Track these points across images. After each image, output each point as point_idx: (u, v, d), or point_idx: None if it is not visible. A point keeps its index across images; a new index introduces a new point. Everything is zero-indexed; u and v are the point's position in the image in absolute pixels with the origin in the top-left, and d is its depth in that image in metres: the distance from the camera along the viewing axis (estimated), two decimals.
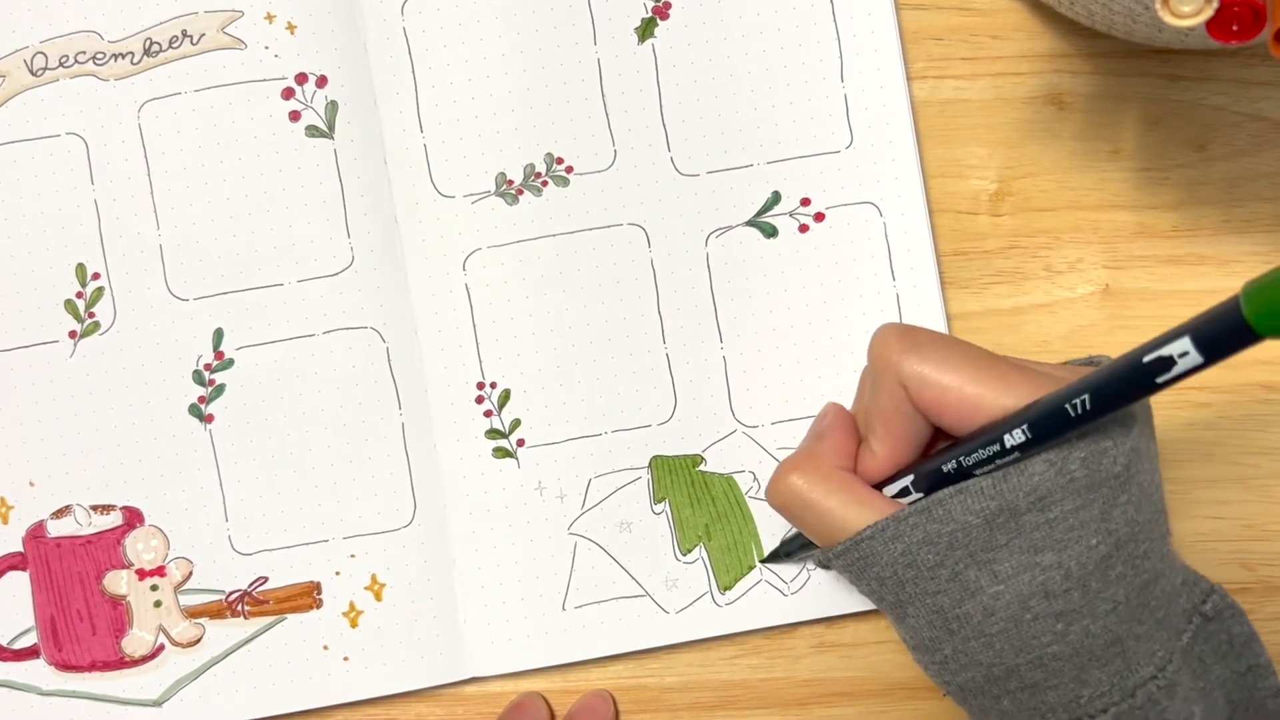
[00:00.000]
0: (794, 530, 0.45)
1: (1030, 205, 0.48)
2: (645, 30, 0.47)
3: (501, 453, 0.47)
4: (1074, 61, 0.48)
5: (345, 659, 0.47)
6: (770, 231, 0.47)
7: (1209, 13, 0.36)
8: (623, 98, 0.47)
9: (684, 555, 0.47)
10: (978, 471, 0.36)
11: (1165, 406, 0.47)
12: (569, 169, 0.47)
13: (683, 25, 0.47)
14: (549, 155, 0.47)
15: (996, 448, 0.35)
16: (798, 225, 0.47)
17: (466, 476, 0.47)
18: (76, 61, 0.47)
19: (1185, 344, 0.31)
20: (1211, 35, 0.36)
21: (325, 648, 0.47)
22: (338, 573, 0.47)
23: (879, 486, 0.39)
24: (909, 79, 0.47)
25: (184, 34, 0.47)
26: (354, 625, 0.47)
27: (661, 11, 0.47)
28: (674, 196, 0.47)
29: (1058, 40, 0.48)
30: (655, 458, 0.47)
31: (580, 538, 0.47)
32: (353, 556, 0.47)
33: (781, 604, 0.47)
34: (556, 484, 0.47)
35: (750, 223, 0.47)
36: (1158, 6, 0.36)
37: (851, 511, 0.38)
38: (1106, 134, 0.48)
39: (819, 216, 0.47)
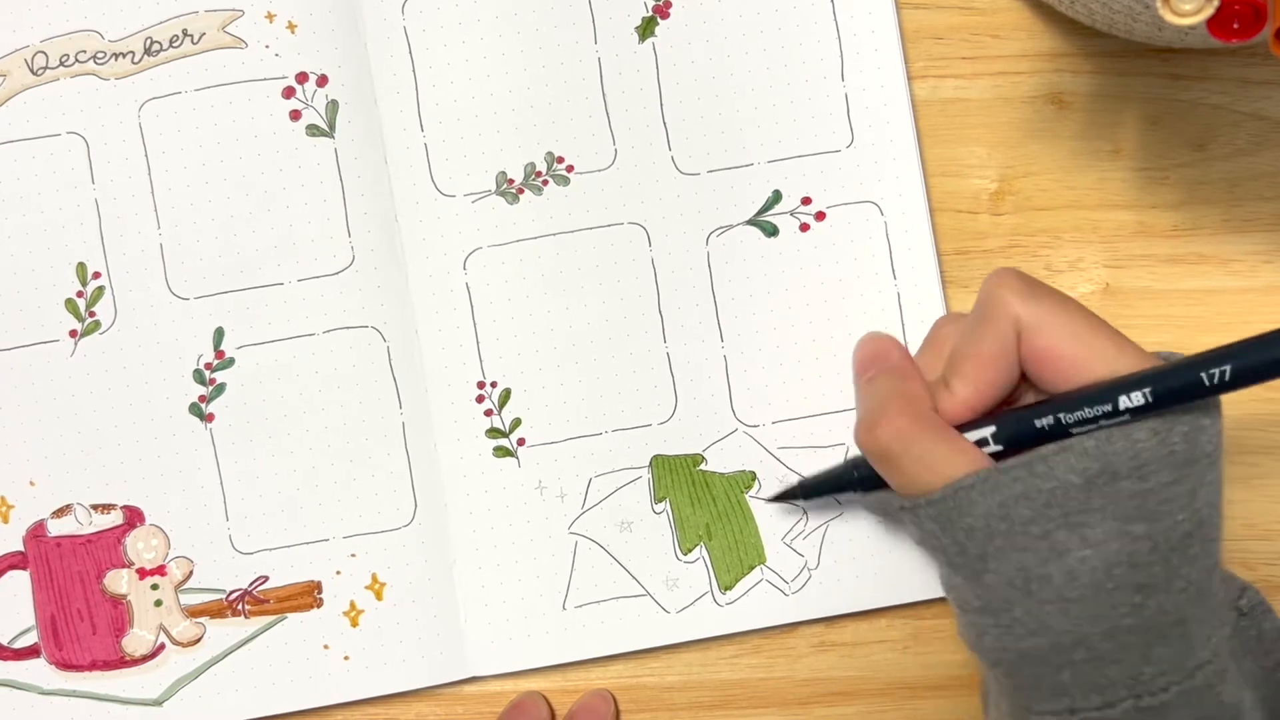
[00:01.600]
0: (825, 470, 0.45)
1: (1031, 204, 0.48)
2: (646, 29, 0.47)
3: (502, 452, 0.47)
4: (1074, 61, 0.48)
5: (346, 658, 0.46)
6: (771, 230, 0.47)
7: (1209, 11, 0.36)
8: (623, 97, 0.47)
9: (684, 555, 0.47)
10: (1075, 431, 0.36)
11: None
12: (570, 168, 0.47)
13: (683, 24, 0.47)
14: (549, 154, 0.47)
15: (1108, 407, 0.35)
16: (798, 224, 0.47)
17: (467, 476, 0.47)
18: (77, 61, 0.47)
19: None
20: (1212, 34, 0.36)
21: (326, 647, 0.47)
22: (338, 572, 0.47)
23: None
24: (910, 78, 0.47)
25: (184, 33, 0.47)
26: (354, 624, 0.47)
27: (662, 10, 0.47)
28: (675, 195, 0.47)
29: (1058, 39, 0.48)
30: (656, 457, 0.47)
31: (581, 537, 0.47)
32: (353, 556, 0.47)
33: (782, 603, 0.47)
34: (557, 483, 0.47)
35: (751, 222, 0.47)
36: (1158, 5, 0.36)
37: (954, 460, 0.37)
38: (1107, 133, 0.48)
39: (820, 215, 0.47)
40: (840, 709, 0.47)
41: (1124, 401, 0.35)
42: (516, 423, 0.47)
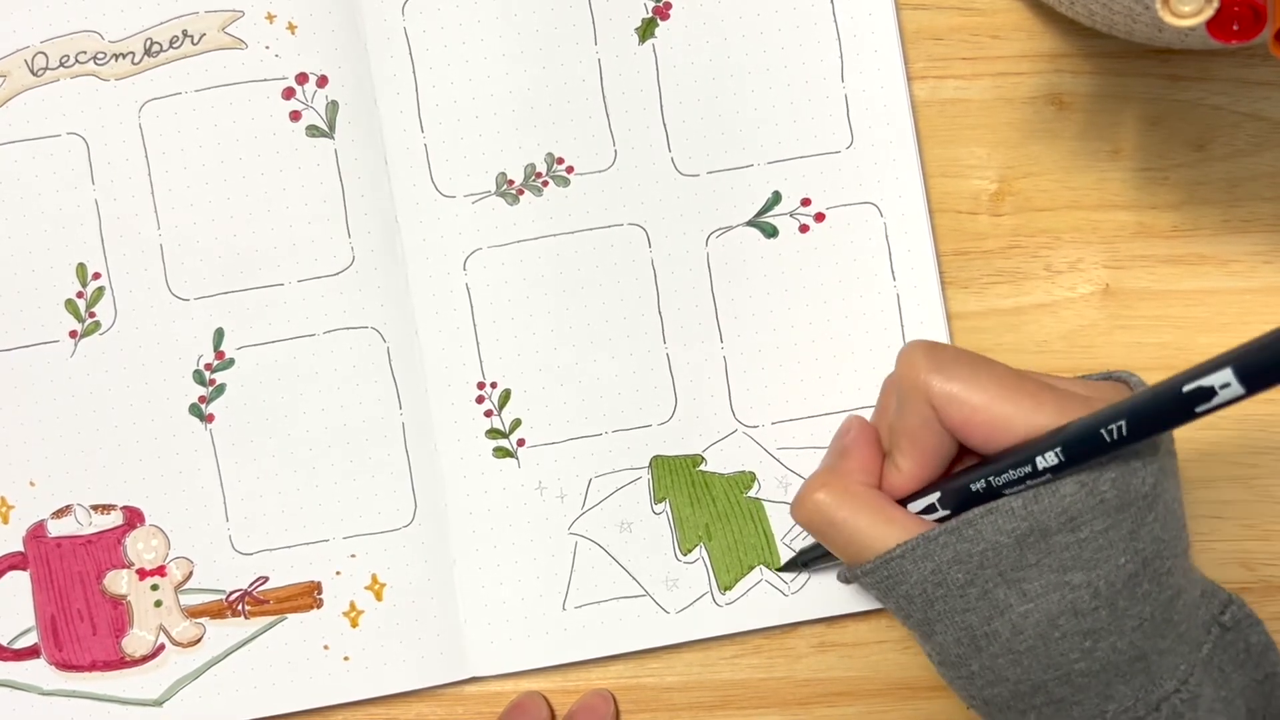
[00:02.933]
0: (813, 542, 0.45)
1: (1030, 205, 0.48)
2: (646, 30, 0.47)
3: (502, 452, 0.47)
4: (1074, 61, 0.48)
5: (346, 659, 0.47)
6: (771, 231, 0.47)
7: (1209, 12, 0.36)
8: (623, 98, 0.47)
9: (684, 555, 0.47)
10: (1007, 491, 0.36)
11: None
12: (569, 169, 0.47)
13: (683, 25, 0.47)
14: (549, 155, 0.47)
15: (1028, 469, 0.35)
16: (798, 225, 0.47)
17: (467, 476, 0.47)
18: (77, 61, 0.47)
19: (1227, 375, 0.31)
20: (1212, 35, 0.36)
21: (326, 647, 0.47)
22: (338, 572, 0.47)
23: (904, 502, 0.40)
24: (909, 79, 0.47)
25: (184, 34, 0.47)
26: (354, 625, 0.47)
27: (662, 12, 0.47)
28: (674, 196, 0.47)
29: (1058, 40, 0.48)
30: (655, 457, 0.47)
31: (580, 537, 0.47)
32: (353, 556, 0.47)
33: (782, 604, 0.47)
34: (557, 484, 0.47)
35: (751, 223, 0.47)
36: (1158, 6, 0.36)
37: (880, 530, 0.38)
38: (1107, 134, 0.48)
39: (819, 216, 0.47)
40: (841, 709, 0.47)
41: (1040, 462, 0.35)
42: (516, 423, 0.47)
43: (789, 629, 0.47)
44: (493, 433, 0.47)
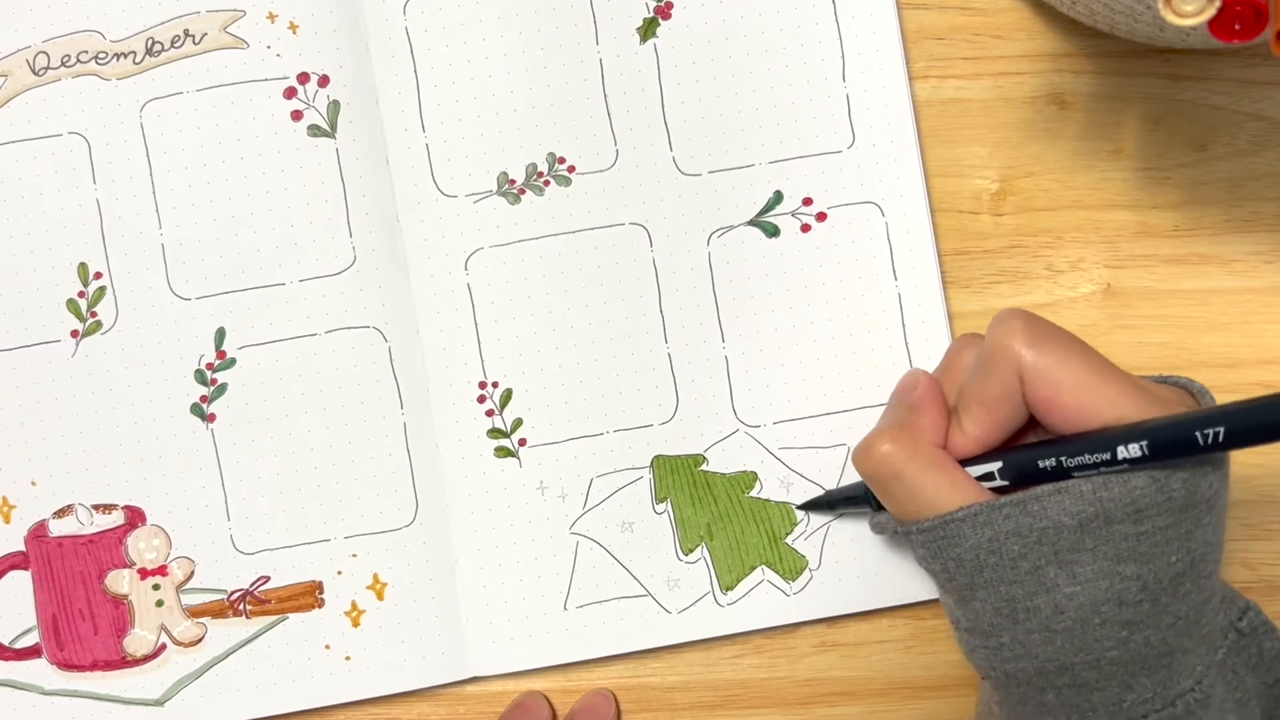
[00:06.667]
0: (844, 487, 0.46)
1: (1032, 205, 0.48)
2: (647, 30, 0.47)
3: (503, 452, 0.47)
4: (1075, 61, 0.48)
5: (347, 658, 0.47)
6: (772, 231, 0.47)
7: (1211, 12, 0.36)
8: (625, 97, 0.47)
9: (686, 555, 0.47)
10: (1076, 474, 0.36)
11: None
12: (571, 168, 0.47)
13: (684, 25, 0.47)
14: (551, 155, 0.47)
15: (1106, 455, 0.36)
16: (800, 225, 0.47)
17: (468, 476, 0.47)
18: (79, 61, 0.47)
19: None
20: (1213, 34, 0.36)
21: (327, 647, 0.47)
22: (339, 572, 0.47)
23: (964, 465, 0.40)
24: (911, 79, 0.47)
25: (186, 33, 0.47)
26: (356, 625, 0.47)
27: (663, 11, 0.47)
28: (676, 196, 0.47)
29: (1059, 40, 0.48)
30: (657, 457, 0.47)
31: (582, 537, 0.47)
32: (354, 556, 0.47)
33: (783, 604, 0.47)
34: (558, 483, 0.47)
35: (752, 222, 0.47)
36: (1160, 6, 0.36)
37: (945, 491, 0.38)
38: (1108, 133, 0.48)
39: (821, 216, 0.47)
40: (842, 709, 0.47)
41: (1122, 452, 0.36)
42: (518, 423, 0.47)
43: (790, 629, 0.47)
44: (494, 432, 0.47)
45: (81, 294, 0.47)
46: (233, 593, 0.47)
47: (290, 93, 0.47)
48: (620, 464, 0.47)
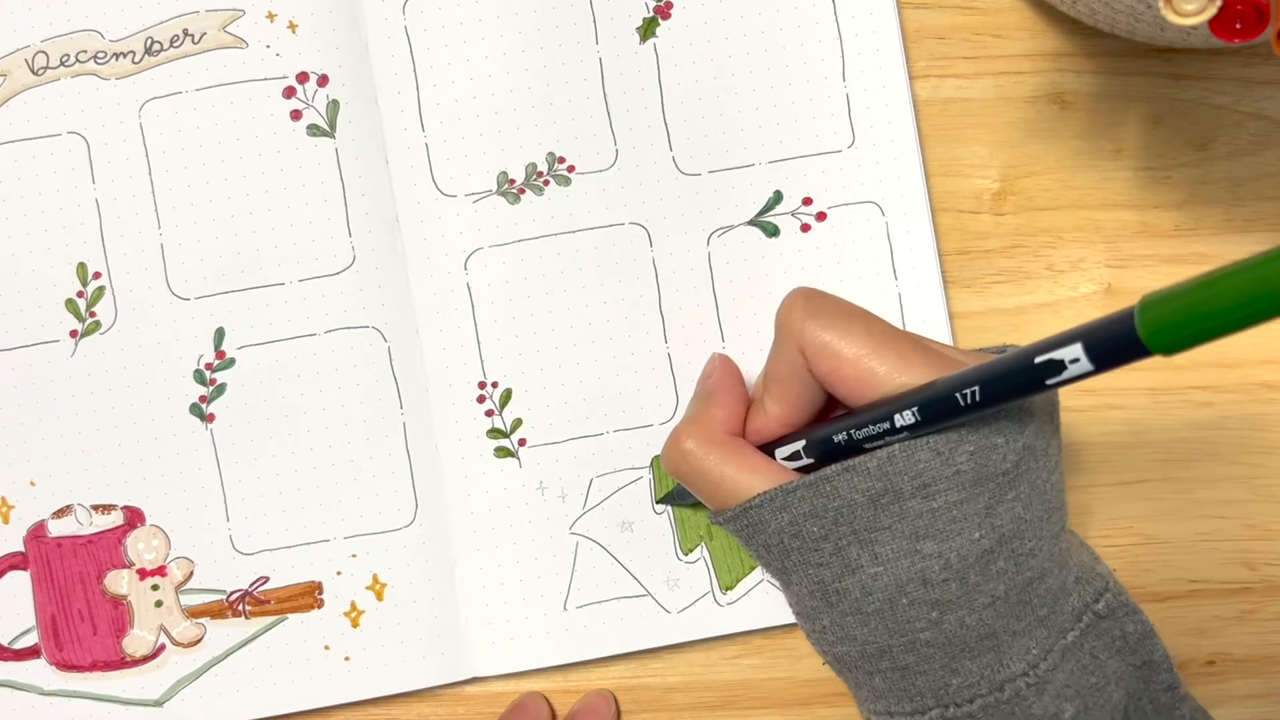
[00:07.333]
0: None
1: (1032, 204, 0.48)
2: (647, 30, 0.47)
3: (503, 452, 0.47)
4: (1076, 60, 0.48)
5: (346, 659, 0.46)
6: (772, 231, 0.47)
7: (1212, 11, 0.36)
8: (624, 97, 0.47)
9: (685, 555, 0.47)
10: (867, 446, 0.36)
11: (1167, 405, 0.47)
12: (571, 168, 0.47)
13: (684, 25, 0.47)
14: (551, 154, 0.47)
15: (886, 425, 0.35)
16: (800, 225, 0.47)
17: (468, 476, 0.47)
18: (78, 60, 0.47)
19: (1077, 350, 0.30)
20: (1214, 34, 0.36)
21: (326, 648, 0.47)
22: (339, 572, 0.47)
23: (772, 446, 0.39)
24: (911, 78, 0.47)
25: (185, 33, 0.47)
26: (355, 625, 0.46)
27: (663, 11, 0.47)
28: (676, 196, 0.47)
29: (1060, 39, 0.48)
30: (657, 457, 0.47)
31: (582, 537, 0.47)
32: (354, 556, 0.47)
33: (783, 604, 0.46)
34: (558, 484, 0.47)
35: (752, 222, 0.47)
36: (1161, 5, 0.36)
37: (744, 479, 0.38)
38: (1109, 133, 0.48)
39: (821, 216, 0.47)
40: (842, 709, 0.47)
41: (898, 419, 0.35)
42: (518, 423, 0.47)
43: (790, 629, 0.47)
44: (494, 432, 0.47)
45: (80, 294, 0.47)
46: (232, 593, 0.47)
47: (289, 92, 0.47)
48: (620, 464, 0.47)
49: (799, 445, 0.38)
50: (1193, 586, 0.48)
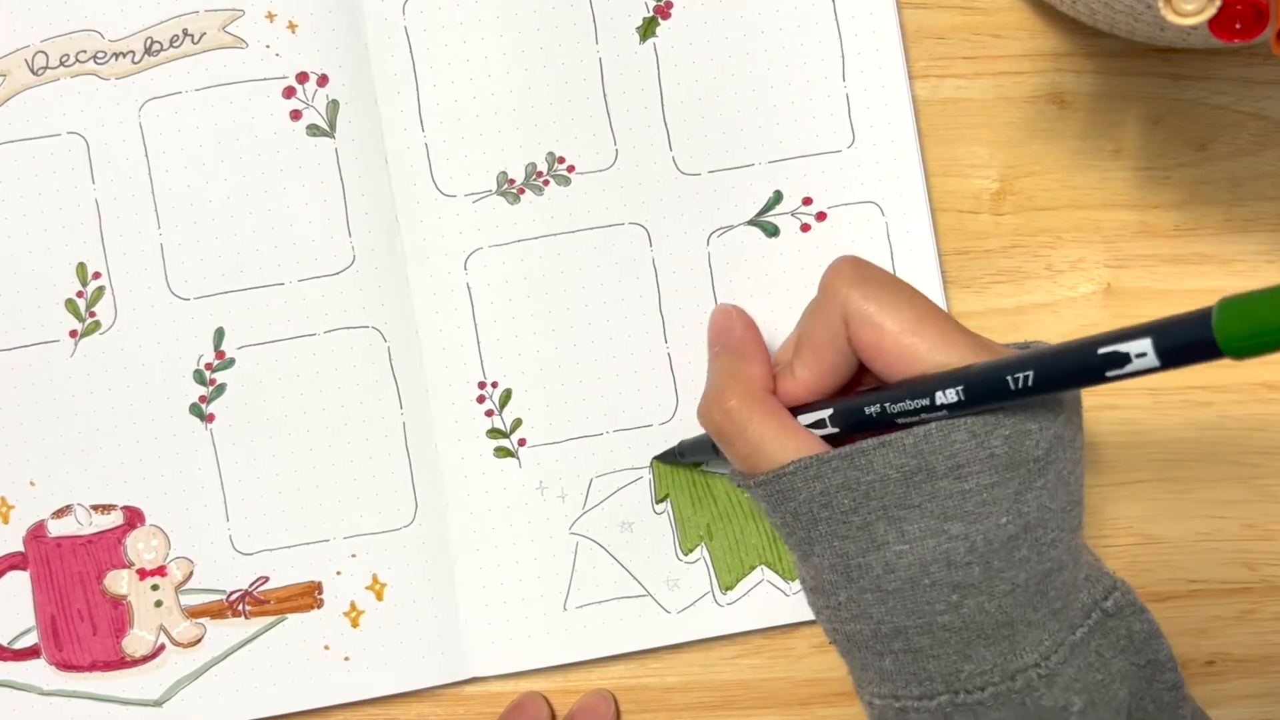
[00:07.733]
0: (695, 438, 0.45)
1: (1032, 204, 0.48)
2: (647, 29, 0.47)
3: (503, 452, 0.47)
4: (1076, 60, 0.48)
5: (346, 659, 0.46)
6: (772, 231, 0.47)
7: (1211, 11, 0.36)
8: (624, 97, 0.47)
9: (685, 555, 0.47)
10: (901, 421, 0.36)
11: (1167, 405, 0.47)
12: (570, 168, 0.47)
13: (684, 25, 0.47)
14: (550, 154, 0.47)
15: (926, 402, 0.35)
16: (799, 225, 0.47)
17: (468, 476, 0.47)
18: (77, 60, 0.47)
19: (1145, 345, 0.30)
20: (1214, 34, 0.36)
21: (326, 648, 0.46)
22: (339, 572, 0.47)
23: (795, 412, 0.39)
24: (911, 78, 0.47)
25: (185, 33, 0.47)
26: (355, 625, 0.46)
27: (663, 11, 0.47)
28: (675, 196, 0.47)
29: (1059, 39, 0.48)
30: (657, 457, 0.47)
31: (581, 537, 0.47)
32: (354, 556, 0.47)
33: (783, 604, 0.47)
34: (558, 484, 0.47)
35: (752, 222, 0.47)
36: (1160, 5, 0.36)
37: (781, 443, 0.38)
38: (1108, 133, 0.48)
39: (821, 216, 0.47)
40: (841, 709, 0.47)
41: (940, 397, 0.35)
42: (517, 423, 0.47)
43: (790, 629, 0.47)
44: (494, 432, 0.47)
45: (80, 294, 0.47)
46: (231, 593, 0.47)
47: (289, 92, 0.47)
48: (620, 464, 0.47)
49: (825, 414, 0.38)
50: (1192, 586, 0.48)
